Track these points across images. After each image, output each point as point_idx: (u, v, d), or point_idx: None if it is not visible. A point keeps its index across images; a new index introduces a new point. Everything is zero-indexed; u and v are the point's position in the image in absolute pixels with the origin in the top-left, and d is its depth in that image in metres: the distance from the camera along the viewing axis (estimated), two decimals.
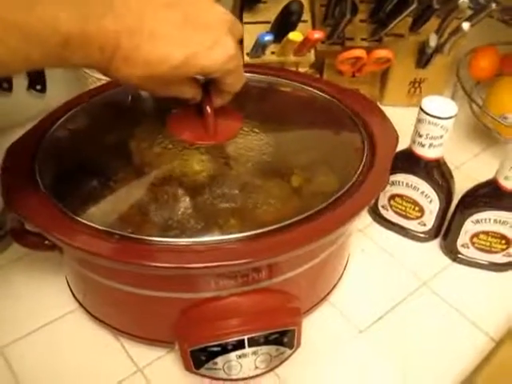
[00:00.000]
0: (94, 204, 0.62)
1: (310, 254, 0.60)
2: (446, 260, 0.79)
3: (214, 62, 0.55)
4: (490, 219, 0.73)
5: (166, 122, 0.66)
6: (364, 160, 0.63)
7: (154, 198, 0.63)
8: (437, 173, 0.74)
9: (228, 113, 0.66)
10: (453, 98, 1.00)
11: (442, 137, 0.70)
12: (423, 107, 0.70)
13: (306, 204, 0.63)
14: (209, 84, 0.61)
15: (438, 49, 0.93)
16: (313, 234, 0.55)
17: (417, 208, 0.78)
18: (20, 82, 0.90)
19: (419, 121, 0.71)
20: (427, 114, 0.69)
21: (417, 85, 1.04)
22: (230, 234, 0.57)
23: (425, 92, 1.04)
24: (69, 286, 0.71)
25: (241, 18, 0.92)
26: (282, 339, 0.60)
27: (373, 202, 0.61)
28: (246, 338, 0.58)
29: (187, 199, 0.62)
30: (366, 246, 0.80)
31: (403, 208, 0.79)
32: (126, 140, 0.69)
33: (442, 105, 0.70)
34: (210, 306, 0.58)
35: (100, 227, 0.56)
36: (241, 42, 0.91)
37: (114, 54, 0.50)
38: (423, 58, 0.97)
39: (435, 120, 0.69)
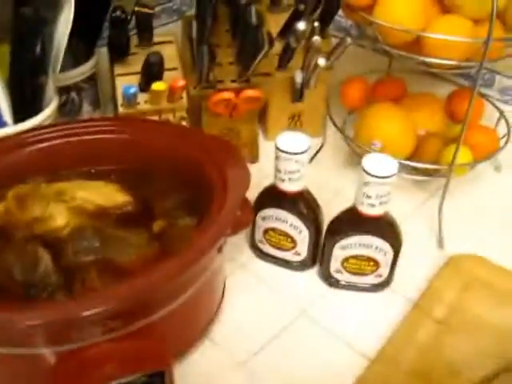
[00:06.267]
0: None
1: (172, 295, 0.61)
2: (324, 286, 0.82)
3: None
4: (355, 244, 0.76)
5: None
6: (215, 201, 0.66)
7: (16, 258, 0.64)
8: (302, 204, 0.78)
9: None
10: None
11: (299, 171, 0.74)
12: (277, 145, 0.73)
13: (165, 247, 0.66)
14: None
15: (304, 84, 0.98)
16: (158, 278, 0.56)
17: (289, 239, 0.81)
18: None
19: (276, 158, 0.74)
20: (281, 150, 0.72)
21: (296, 118, 1.07)
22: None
23: (305, 124, 1.07)
24: None
25: (112, 71, 0.94)
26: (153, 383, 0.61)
27: (222, 241, 0.63)
28: None
29: (48, 256, 0.64)
30: (248, 280, 0.82)
31: (277, 240, 0.82)
32: None
33: (295, 140, 0.73)
34: (77, 357, 0.58)
35: None
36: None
37: None
38: (295, 93, 1.01)
39: (289, 156, 0.72)
